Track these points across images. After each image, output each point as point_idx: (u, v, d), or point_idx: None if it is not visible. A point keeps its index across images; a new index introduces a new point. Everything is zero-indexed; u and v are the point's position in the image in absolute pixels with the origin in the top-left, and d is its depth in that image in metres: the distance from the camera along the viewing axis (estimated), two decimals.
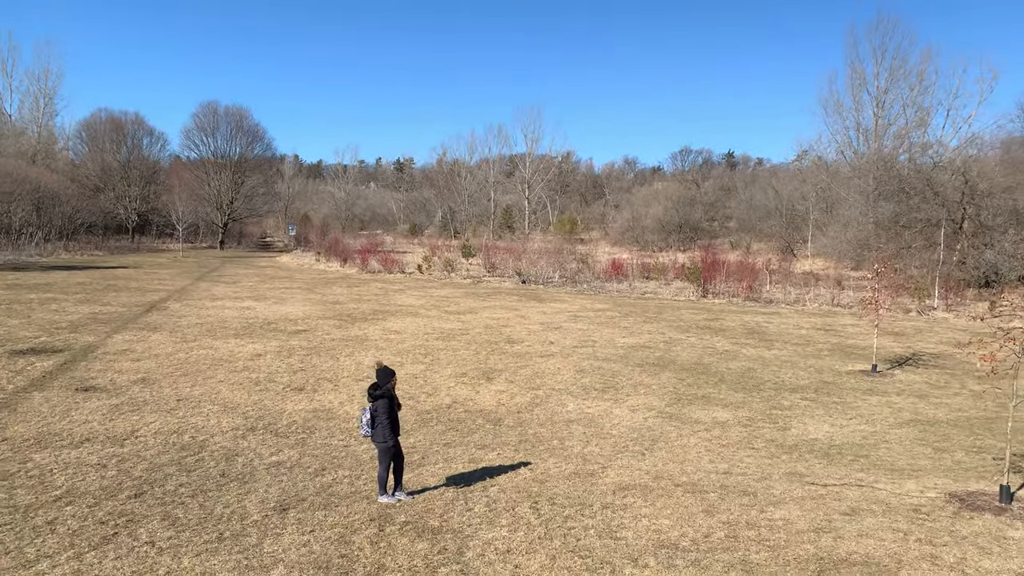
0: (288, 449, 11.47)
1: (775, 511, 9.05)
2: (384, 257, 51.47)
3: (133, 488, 9.38)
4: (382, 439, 9.04)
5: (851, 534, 8.26)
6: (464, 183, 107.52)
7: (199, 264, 51.73)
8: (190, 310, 26.76)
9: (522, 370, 18.28)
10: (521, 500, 9.35)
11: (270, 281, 40.08)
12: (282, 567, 7.06)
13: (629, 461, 11.48)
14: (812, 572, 7.20)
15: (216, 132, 74.73)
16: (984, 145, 54.83)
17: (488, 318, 27.26)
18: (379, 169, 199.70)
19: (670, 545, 7.85)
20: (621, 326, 26.43)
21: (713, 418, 14.51)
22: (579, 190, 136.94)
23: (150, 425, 12.51)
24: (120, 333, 21.30)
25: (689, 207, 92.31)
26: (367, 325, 24.67)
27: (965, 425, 14.66)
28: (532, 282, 43.84)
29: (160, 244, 70.82)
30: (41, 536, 7.69)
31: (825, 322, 29.51)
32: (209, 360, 18.04)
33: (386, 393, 9.09)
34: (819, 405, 15.88)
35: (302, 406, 14.25)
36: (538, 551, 7.64)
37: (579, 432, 13.17)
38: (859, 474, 11.03)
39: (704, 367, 19.52)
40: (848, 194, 57.49)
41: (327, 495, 9.35)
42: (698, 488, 10.04)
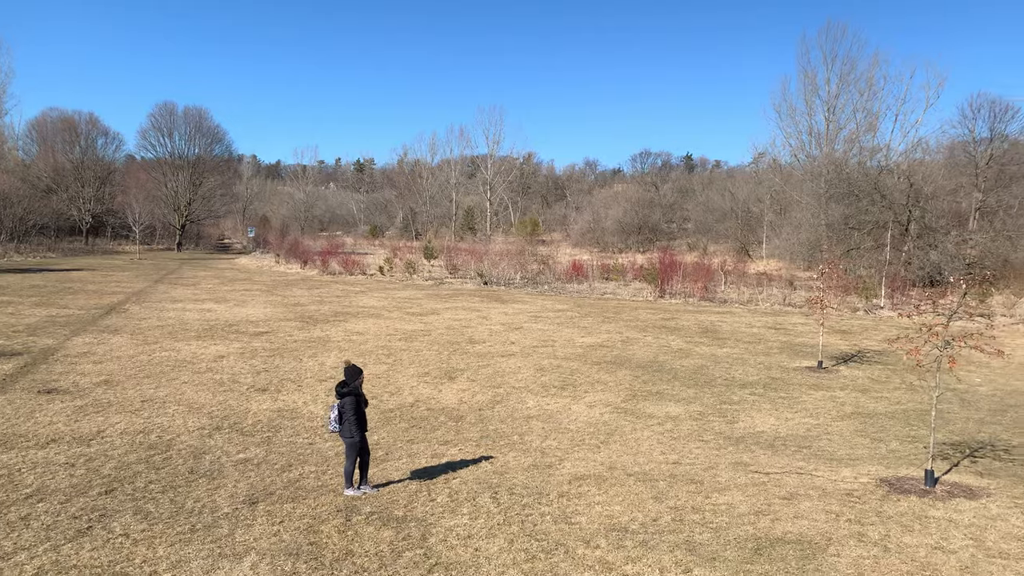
0: (254, 447, 11.77)
1: (719, 497, 9.68)
2: (345, 259, 51.45)
3: (103, 485, 9.62)
4: (349, 435, 9.43)
5: (787, 516, 8.91)
6: (425, 184, 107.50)
7: (157, 266, 51.11)
8: (150, 312, 26.65)
9: (483, 369, 18.74)
10: (482, 491, 9.82)
11: (230, 283, 39.88)
12: (254, 554, 7.44)
13: (585, 454, 12.02)
14: (750, 550, 7.81)
15: (173, 133, 73.74)
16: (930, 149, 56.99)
17: (450, 319, 27.67)
18: (339, 169, 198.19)
19: (620, 528, 8.41)
20: (580, 326, 27.05)
21: (666, 413, 15.14)
22: (541, 192, 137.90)
23: (116, 426, 12.68)
24: (80, 336, 21.22)
25: (648, 209, 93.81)
26: (329, 327, 24.88)
27: (902, 417, 15.54)
28: (494, 283, 44.33)
29: (115, 246, 69.59)
30: (16, 531, 7.93)
31: (776, 321, 30.54)
32: (172, 362, 18.15)
33: (353, 391, 9.48)
34: (766, 400, 16.64)
35: (266, 406, 14.52)
36: (497, 536, 8.13)
37: (538, 428, 13.68)
38: (800, 463, 11.74)
39: (659, 365, 20.20)
40: (800, 197, 59.13)
41: (294, 489, 9.71)
42: (649, 477, 10.63)
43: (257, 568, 7.14)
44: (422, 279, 45.88)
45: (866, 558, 7.61)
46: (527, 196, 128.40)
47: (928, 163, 54.08)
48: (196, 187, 73.40)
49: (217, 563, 7.23)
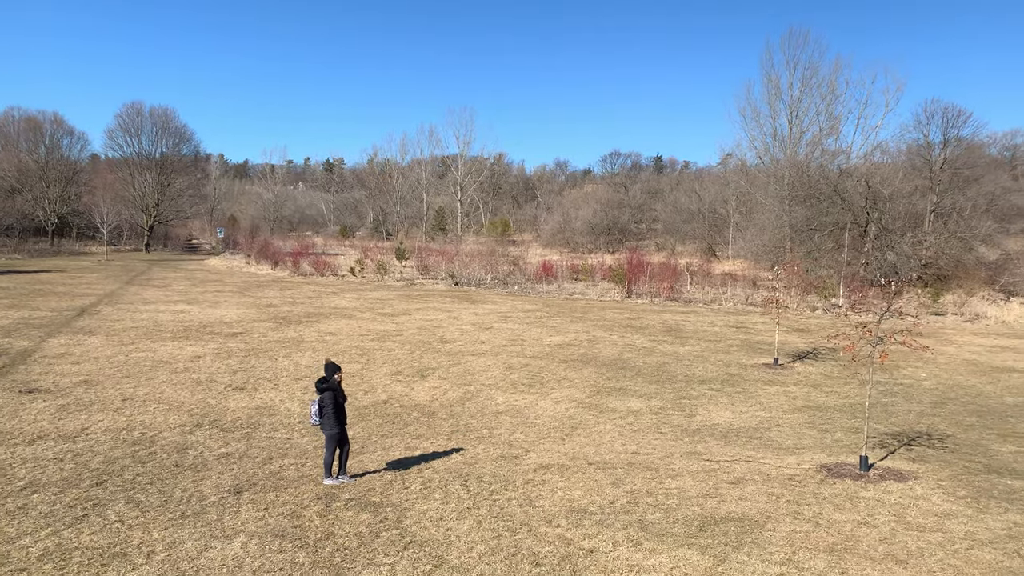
0: (235, 442, 12.34)
1: (672, 482, 10.50)
2: (316, 260, 51.71)
3: (93, 478, 10.15)
4: (328, 428, 10.08)
5: (733, 498, 9.76)
6: (396, 184, 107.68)
7: (126, 268, 50.91)
8: (123, 314, 26.90)
9: (454, 368, 19.43)
10: (452, 479, 10.53)
11: (201, 284, 40.03)
12: (243, 536, 8.07)
13: (550, 445, 12.79)
14: (695, 527, 8.63)
15: (141, 133, 73.16)
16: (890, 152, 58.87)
17: (422, 319, 28.29)
18: (308, 169, 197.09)
19: (580, 510, 9.18)
20: (549, 325, 27.84)
21: (628, 407, 15.97)
22: (511, 192, 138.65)
23: (99, 423, 13.15)
24: (55, 337, 21.49)
25: (617, 210, 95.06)
26: (302, 327, 25.36)
27: (849, 410, 16.54)
28: (465, 284, 44.97)
29: (81, 247, 68.88)
30: (16, 519, 8.47)
31: (737, 320, 31.63)
32: (149, 362, 18.57)
33: (331, 386, 10.13)
34: (723, 395, 17.56)
35: (244, 404, 15.06)
36: (467, 517, 8.85)
37: (507, 422, 14.41)
38: (749, 452, 12.63)
39: (623, 362, 21.06)
40: (764, 199, 60.66)
41: (276, 479, 10.34)
42: (608, 466, 11.43)
43: (247, 547, 7.78)
44: (393, 280, 46.37)
45: (798, 532, 8.47)
46: (498, 197, 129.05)
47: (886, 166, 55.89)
48: (164, 187, 72.91)
49: (209, 543, 7.86)
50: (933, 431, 14.63)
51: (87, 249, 67.68)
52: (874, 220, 48.25)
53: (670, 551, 7.89)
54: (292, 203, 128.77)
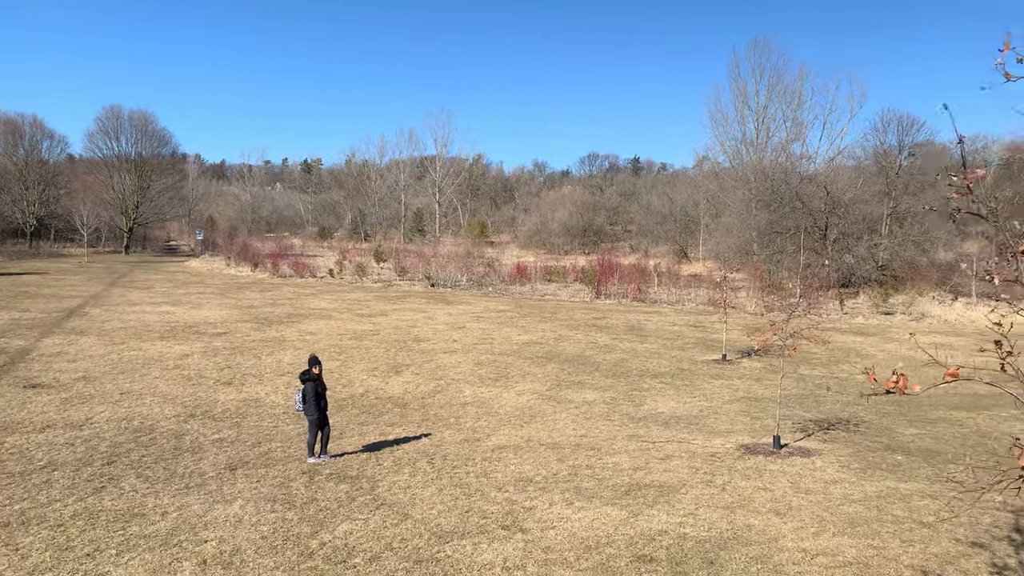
0: (226, 430, 13.82)
1: (610, 458, 12.16)
2: (295, 262, 52.93)
3: (104, 459, 11.60)
4: (310, 413, 11.63)
5: (659, 470, 11.44)
6: (374, 186, 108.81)
7: (107, 270, 51.82)
8: (111, 315, 28.13)
9: (427, 364, 20.98)
10: (420, 458, 12.12)
11: (184, 286, 41.19)
12: (241, 500, 9.60)
13: (509, 431, 14.40)
14: (621, 491, 10.29)
15: (120, 136, 73.82)
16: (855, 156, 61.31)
17: (398, 319, 29.80)
18: (285, 170, 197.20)
19: (527, 479, 10.81)
20: (519, 325, 29.47)
21: (583, 398, 17.62)
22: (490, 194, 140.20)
23: (101, 414, 14.56)
24: (49, 337, 22.75)
25: (592, 212, 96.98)
26: (283, 327, 26.77)
27: (783, 401, 18.30)
28: (441, 285, 46.49)
29: (60, 249, 69.43)
30: (44, 490, 9.93)
31: (697, 320, 33.47)
32: (141, 360, 19.93)
33: (311, 377, 11.68)
34: (672, 387, 19.28)
35: (232, 396, 16.51)
36: (430, 486, 10.45)
37: (472, 412, 15.99)
38: (684, 435, 14.33)
39: (584, 359, 22.72)
40: (731, 202, 62.83)
41: (266, 459, 11.86)
42: (557, 446, 13.07)
43: (245, 508, 9.32)
44: (371, 281, 47.76)
45: (705, 495, 10.16)
46: (476, 198, 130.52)
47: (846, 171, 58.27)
48: (144, 190, 73.62)
49: (213, 507, 9.38)
50: (852, 418, 16.43)
51: (66, 251, 68.26)
52: (833, 224, 50.49)
53: (595, 508, 9.54)
54: (270, 204, 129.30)
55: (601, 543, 8.44)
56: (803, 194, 51.36)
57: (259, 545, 8.31)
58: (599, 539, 8.53)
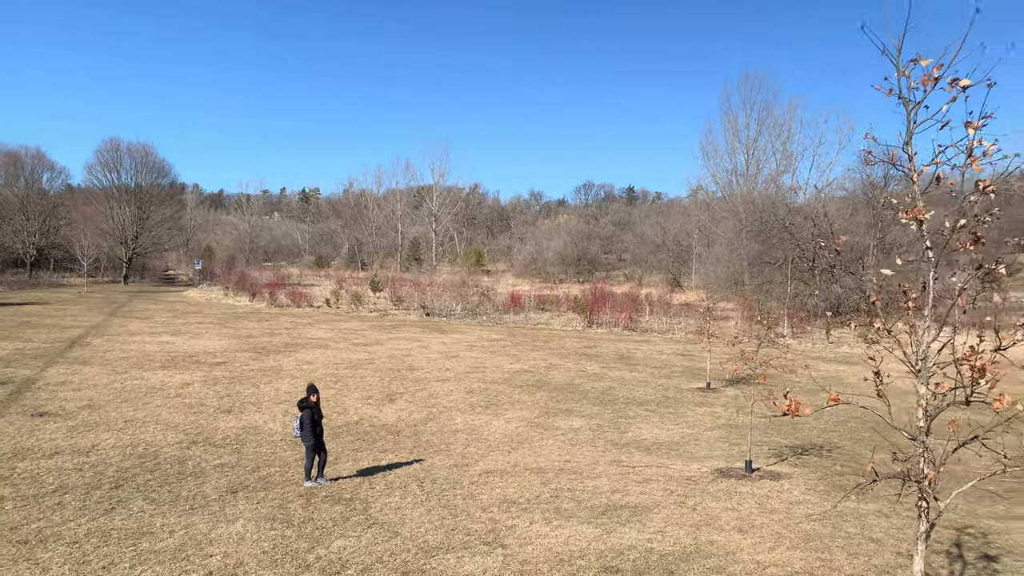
0: (227, 455, 14.50)
1: (591, 482, 12.88)
2: (293, 291, 53.71)
3: (112, 483, 12.28)
4: (306, 439, 12.35)
5: (635, 492, 12.15)
6: (371, 215, 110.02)
7: (107, 300, 52.52)
8: (113, 345, 28.82)
9: (420, 392, 21.69)
10: (411, 481, 12.82)
11: (182, 316, 41.90)
12: (243, 520, 10.30)
13: (497, 457, 15.10)
14: (598, 512, 11.00)
15: (120, 168, 74.97)
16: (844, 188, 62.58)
17: (392, 349, 30.53)
18: (283, 199, 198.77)
19: (510, 501, 11.52)
20: (511, 354, 30.21)
21: (570, 425, 18.33)
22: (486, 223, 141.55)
23: (107, 441, 15.24)
24: (53, 367, 23.43)
25: (587, 241, 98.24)
26: (281, 357, 27.47)
27: (763, 428, 19.01)
28: (436, 314, 47.25)
29: (60, 279, 70.16)
30: (57, 511, 10.61)
31: (685, 348, 34.24)
32: (143, 389, 20.62)
33: (308, 405, 12.43)
34: (656, 415, 20.01)
35: (232, 424, 17.19)
36: (419, 507, 11.15)
37: (462, 439, 16.69)
38: (663, 460, 15.04)
39: (573, 387, 23.45)
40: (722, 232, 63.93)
41: (265, 483, 12.55)
42: (542, 471, 13.77)
43: (246, 526, 10.02)
44: (367, 311, 48.51)
45: (675, 514, 10.88)
46: (473, 227, 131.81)
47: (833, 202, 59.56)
48: (143, 220, 74.59)
49: (216, 525, 10.08)
50: (827, 443, 17.17)
51: (65, 281, 68.97)
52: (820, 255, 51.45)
53: (572, 527, 10.25)
54: (268, 233, 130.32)
55: (574, 556, 9.16)
56: (791, 225, 52.43)
57: (260, 559, 9.00)
58: (572, 553, 9.24)
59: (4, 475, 12.58)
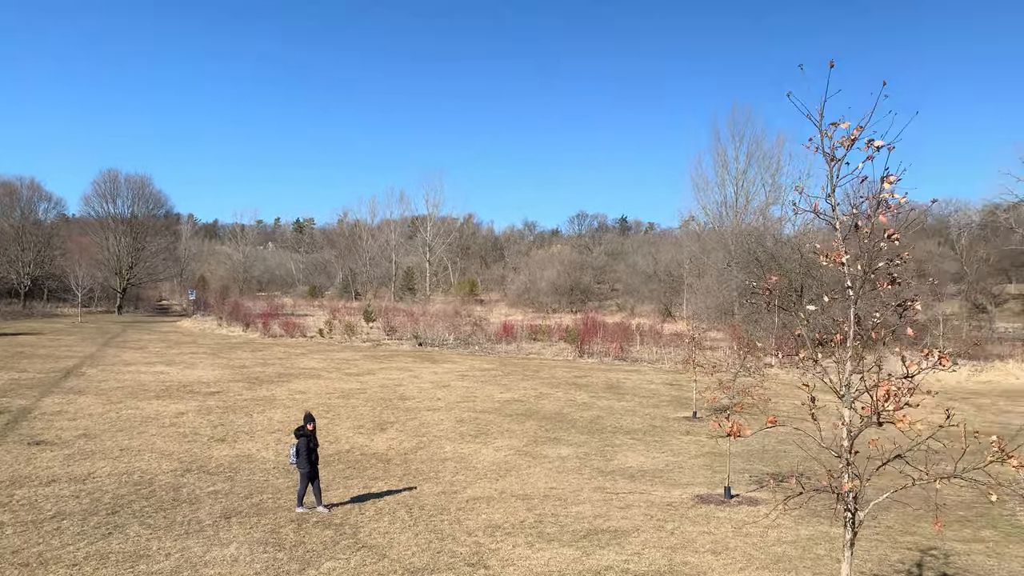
0: (221, 483, 14.85)
1: (574, 508, 13.28)
2: (286, 322, 54.06)
3: (108, 509, 12.63)
4: (302, 466, 12.76)
5: (617, 517, 12.57)
6: (365, 245, 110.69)
7: (101, 330, 52.78)
8: (107, 375, 29.14)
9: (411, 422, 22.07)
10: (400, 508, 13.20)
11: (176, 347, 42.20)
12: (236, 543, 10.67)
13: (485, 484, 15.48)
14: (580, 536, 11.41)
15: (117, 199, 75.64)
16: None
17: (384, 378, 30.90)
18: (278, 229, 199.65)
19: (496, 526, 11.92)
20: (501, 383, 30.61)
21: (558, 454, 18.72)
22: (479, 253, 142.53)
23: (102, 469, 15.58)
24: (48, 397, 23.75)
25: (580, 271, 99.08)
26: (274, 387, 27.82)
27: (746, 456, 19.46)
28: (428, 344, 47.64)
29: (53, 308, 70.39)
30: (56, 536, 10.96)
31: (674, 378, 34.69)
32: (138, 418, 20.95)
33: (304, 433, 12.86)
34: (642, 443, 20.42)
35: (226, 452, 17.54)
36: (407, 531, 11.54)
37: (451, 467, 17.07)
38: (646, 487, 15.45)
39: (562, 416, 23.85)
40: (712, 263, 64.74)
41: (258, 509, 12.91)
42: (528, 497, 14.17)
43: (240, 550, 10.39)
44: (360, 341, 48.87)
45: (653, 538, 11.30)
46: (466, 257, 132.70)
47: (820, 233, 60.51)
48: (138, 251, 75.07)
49: (211, 548, 10.45)
50: (807, 471, 17.54)
51: (59, 311, 69.20)
52: (808, 285, 52.29)
53: (554, 549, 10.66)
54: (262, 263, 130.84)
55: None
56: (778, 256, 53.29)
57: None
58: (551, 573, 9.66)
59: (3, 502, 12.92)
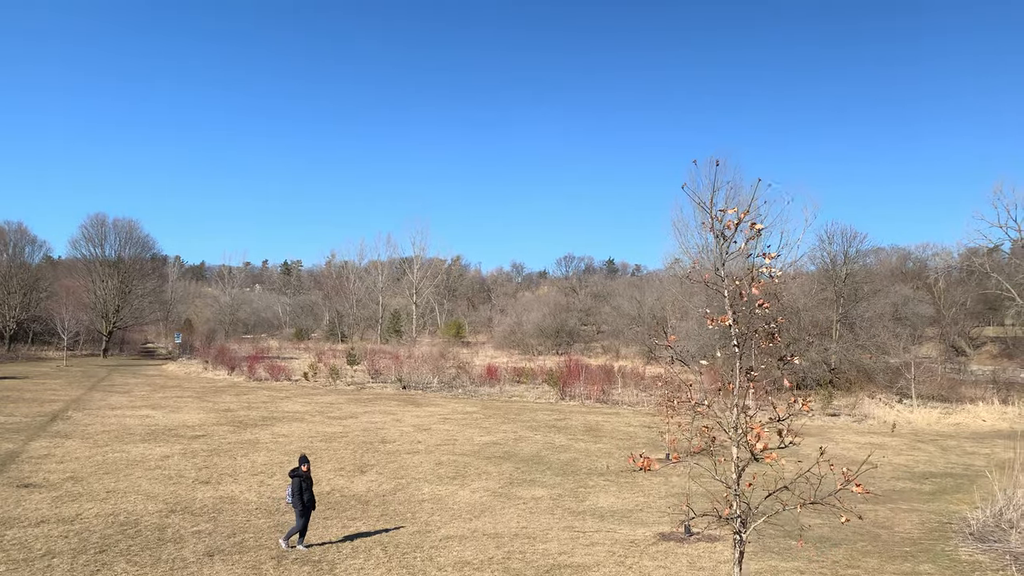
0: (204, 523, 15.46)
1: (542, 545, 13.99)
2: (271, 365, 54.48)
3: (96, 548, 13.23)
4: (295, 504, 13.52)
5: (581, 554, 13.29)
6: (353, 287, 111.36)
7: (86, 374, 53.02)
8: (93, 419, 29.59)
9: (390, 464, 22.69)
10: (375, 546, 13.87)
11: (162, 390, 42.60)
12: None
13: (459, 524, 16.15)
14: (543, 570, 12.12)
15: (104, 243, 76.27)
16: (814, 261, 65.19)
17: (367, 422, 31.49)
18: (265, 272, 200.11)
19: (465, 563, 12.61)
20: (482, 426, 31.25)
21: (532, 495, 19.40)
22: (467, 295, 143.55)
23: (90, 510, 16.15)
24: (36, 440, 24.22)
25: (565, 313, 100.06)
26: (258, 430, 28.36)
27: (715, 496, 20.18)
28: (412, 387, 48.20)
29: (39, 352, 70.45)
30: (47, 573, 11.58)
31: (652, 420, 35.37)
32: (124, 461, 21.49)
33: (297, 474, 13.61)
34: (615, 485, 21.12)
35: (210, 494, 18.12)
36: (381, 567, 12.22)
37: (428, 507, 17.72)
38: (613, 526, 16.17)
39: (539, 458, 24.53)
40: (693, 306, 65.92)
41: (240, 547, 13.54)
42: (499, 536, 14.86)
43: None
44: (345, 384, 49.37)
45: (612, 572, 12.04)
46: (453, 299, 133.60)
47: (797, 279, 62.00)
48: (125, 294, 75.46)
49: None
50: (768, 509, 18.33)
51: (44, 354, 69.27)
52: (784, 329, 53.41)
53: None
54: (248, 306, 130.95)
55: None
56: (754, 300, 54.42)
57: None
58: None
59: None
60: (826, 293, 57.89)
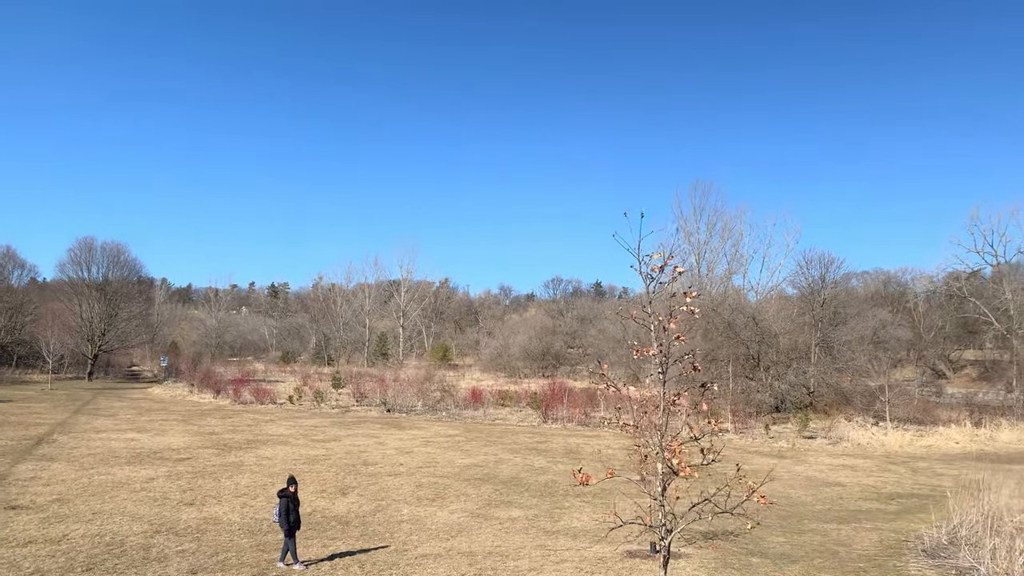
0: (188, 543, 15.97)
1: (512, 563, 14.61)
2: (256, 388, 54.79)
3: (83, 567, 13.74)
4: (282, 524, 14.11)
5: (550, 570, 13.93)
6: (339, 310, 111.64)
7: (71, 397, 53.13)
8: (79, 442, 29.94)
9: (372, 486, 23.22)
10: (353, 564, 14.44)
11: (147, 414, 42.87)
12: None
13: (435, 543, 16.73)
14: None
15: (92, 266, 76.51)
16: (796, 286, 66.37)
17: (350, 445, 31.98)
18: (252, 294, 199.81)
19: None
20: (464, 449, 31.81)
21: (509, 516, 19.99)
22: (454, 317, 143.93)
23: (76, 531, 16.62)
24: (22, 463, 24.60)
25: (551, 336, 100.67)
26: (242, 453, 28.81)
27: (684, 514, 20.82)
28: (396, 411, 48.65)
29: (23, 375, 70.29)
30: None
31: (632, 443, 36.05)
32: (110, 484, 21.93)
33: (285, 495, 14.23)
34: (590, 505, 21.75)
35: (194, 515, 18.61)
36: None
37: (406, 528, 18.28)
38: (584, 544, 16.80)
39: (518, 480, 25.12)
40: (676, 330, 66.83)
41: (223, 565, 14.08)
42: (473, 554, 15.46)
43: None
44: (329, 407, 49.75)
45: None
46: (440, 321, 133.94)
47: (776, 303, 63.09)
48: (111, 317, 75.57)
49: None
50: (737, 529, 19.01)
51: (28, 377, 69.12)
52: (765, 353, 54.38)
53: None
54: (235, 328, 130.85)
55: None
56: (735, 325, 55.45)
57: None
58: None
59: None
60: (805, 317, 58.98)
